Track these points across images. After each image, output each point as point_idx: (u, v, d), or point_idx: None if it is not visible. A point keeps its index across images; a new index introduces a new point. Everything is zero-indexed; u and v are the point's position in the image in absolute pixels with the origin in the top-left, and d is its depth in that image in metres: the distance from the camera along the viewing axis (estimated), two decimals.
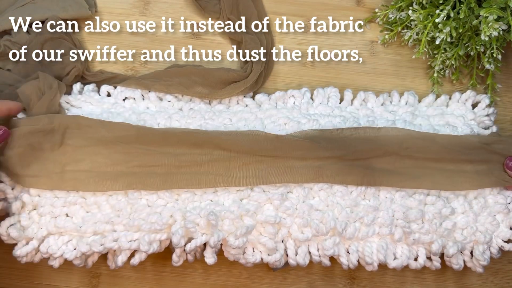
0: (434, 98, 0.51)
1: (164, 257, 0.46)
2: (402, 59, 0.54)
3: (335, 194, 0.45)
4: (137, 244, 0.42)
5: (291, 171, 0.44)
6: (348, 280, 0.48)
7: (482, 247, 0.45)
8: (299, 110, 0.48)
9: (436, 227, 0.44)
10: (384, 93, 0.50)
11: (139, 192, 0.43)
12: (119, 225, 0.42)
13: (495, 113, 0.50)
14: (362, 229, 0.44)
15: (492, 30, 0.45)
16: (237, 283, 0.47)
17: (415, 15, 0.49)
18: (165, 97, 0.49)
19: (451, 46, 0.50)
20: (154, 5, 0.54)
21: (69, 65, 0.49)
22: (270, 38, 0.53)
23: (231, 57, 0.53)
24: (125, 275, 0.47)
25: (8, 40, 0.49)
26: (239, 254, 0.43)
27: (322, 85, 0.51)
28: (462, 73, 0.53)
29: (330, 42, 0.54)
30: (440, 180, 0.45)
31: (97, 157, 0.43)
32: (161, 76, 0.49)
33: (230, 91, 0.48)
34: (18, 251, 0.42)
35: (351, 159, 0.45)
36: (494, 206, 0.46)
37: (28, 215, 0.42)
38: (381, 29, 0.54)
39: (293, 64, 0.53)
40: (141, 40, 0.53)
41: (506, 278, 0.49)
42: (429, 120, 0.49)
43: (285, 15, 0.54)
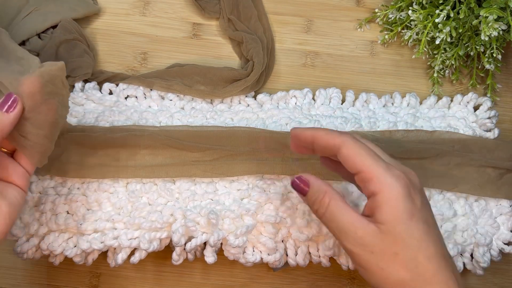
0: (436, 100, 0.51)
1: (164, 256, 0.46)
2: (402, 59, 0.54)
3: None
4: (137, 242, 0.42)
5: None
6: (348, 280, 0.48)
7: (483, 249, 0.45)
8: (301, 111, 0.48)
9: None
10: (386, 95, 0.50)
11: (140, 190, 0.43)
12: (119, 223, 0.42)
13: (497, 116, 0.49)
14: None
15: (492, 30, 0.45)
16: (237, 282, 0.47)
17: (415, 15, 0.49)
18: (167, 95, 0.49)
19: (451, 46, 0.50)
20: (154, 5, 0.54)
21: (82, 67, 0.49)
22: (271, 38, 0.53)
23: (231, 57, 0.53)
24: (125, 274, 0.46)
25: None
26: (239, 253, 0.43)
27: (322, 85, 0.51)
28: (462, 73, 0.53)
29: (330, 42, 0.54)
30: (485, 186, 0.45)
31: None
32: (162, 75, 0.50)
33: (232, 90, 0.48)
34: (19, 247, 0.41)
35: (403, 158, 0.44)
36: (495, 209, 0.46)
37: (28, 212, 0.42)
38: (381, 29, 0.54)
39: (293, 64, 0.53)
40: (141, 40, 0.53)
41: (506, 278, 0.49)
42: (431, 122, 0.49)
43: (285, 15, 0.55)
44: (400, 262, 0.31)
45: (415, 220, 0.32)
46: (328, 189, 0.34)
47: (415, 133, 0.46)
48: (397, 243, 0.31)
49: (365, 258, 0.32)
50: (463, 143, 0.46)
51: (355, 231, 0.32)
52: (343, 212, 0.33)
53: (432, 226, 0.33)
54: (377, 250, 0.31)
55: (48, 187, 0.44)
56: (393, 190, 0.32)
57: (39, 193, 0.43)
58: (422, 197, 0.33)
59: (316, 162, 0.45)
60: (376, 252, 0.31)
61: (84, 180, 0.44)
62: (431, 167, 0.45)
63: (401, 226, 0.31)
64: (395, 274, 0.31)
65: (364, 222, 0.32)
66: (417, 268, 0.31)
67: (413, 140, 0.46)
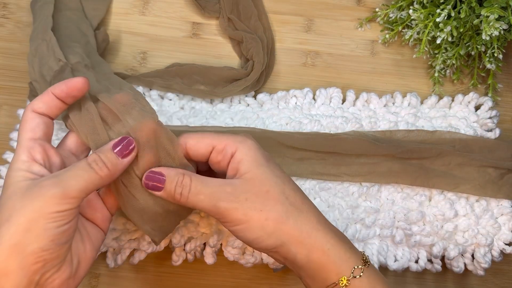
0: (437, 100, 0.50)
1: (164, 257, 0.46)
2: (403, 58, 0.54)
3: (336, 195, 0.44)
4: (136, 243, 0.42)
5: (346, 169, 0.45)
6: None
7: (484, 250, 0.44)
8: (301, 111, 0.48)
9: (437, 229, 0.44)
10: (387, 94, 0.50)
11: None
12: (119, 223, 0.42)
13: (498, 116, 0.49)
14: (362, 231, 0.44)
15: (493, 29, 0.44)
16: (237, 283, 0.47)
17: (415, 15, 0.48)
18: (166, 95, 0.49)
19: (452, 45, 0.50)
20: (154, 4, 0.54)
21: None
22: (271, 37, 0.53)
23: (231, 56, 0.53)
24: (125, 275, 0.46)
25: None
26: (239, 254, 0.43)
27: (322, 85, 0.51)
28: (463, 73, 0.53)
29: (331, 42, 0.54)
30: (486, 186, 0.45)
31: None
32: (162, 75, 0.49)
33: (231, 89, 0.48)
34: None
35: (405, 158, 0.45)
36: (496, 209, 0.46)
37: None
38: (382, 28, 0.54)
39: (293, 63, 0.53)
40: (140, 40, 0.53)
41: (507, 278, 0.49)
42: (431, 122, 0.48)
43: (285, 14, 0.54)
44: (272, 197, 0.33)
45: (271, 162, 0.35)
46: (183, 170, 0.34)
47: (416, 133, 0.46)
48: (264, 182, 0.33)
49: (242, 208, 0.33)
50: (464, 143, 0.46)
51: (224, 189, 0.33)
52: (207, 181, 0.34)
53: (281, 169, 0.36)
54: (250, 195, 0.33)
55: None
56: (247, 143, 0.34)
57: None
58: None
59: (316, 162, 0.45)
60: (249, 197, 0.33)
61: None
62: (432, 167, 0.45)
63: (263, 168, 0.34)
64: (273, 210, 0.33)
65: (230, 180, 0.34)
66: (288, 199, 0.34)
67: (414, 140, 0.46)
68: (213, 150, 0.35)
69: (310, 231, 0.33)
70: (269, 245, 0.33)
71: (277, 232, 0.33)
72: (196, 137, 0.35)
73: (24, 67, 0.51)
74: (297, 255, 0.33)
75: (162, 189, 0.33)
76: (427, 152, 0.45)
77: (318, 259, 0.33)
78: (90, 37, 0.47)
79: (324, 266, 0.33)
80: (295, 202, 0.34)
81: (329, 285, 0.33)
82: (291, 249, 0.33)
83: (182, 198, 0.33)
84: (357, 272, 0.33)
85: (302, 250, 0.33)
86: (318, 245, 0.33)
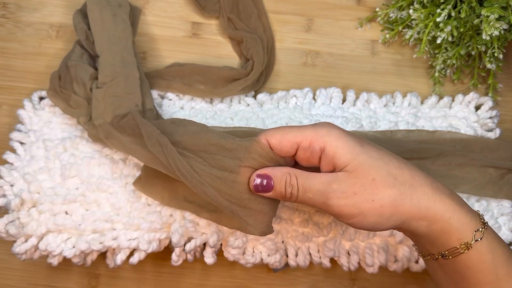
0: (437, 100, 0.50)
1: (163, 257, 0.46)
2: (403, 58, 0.54)
3: None
4: (136, 243, 0.42)
5: None
6: (349, 281, 0.47)
7: None
8: (301, 110, 0.48)
9: None
10: (387, 94, 0.50)
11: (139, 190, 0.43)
12: (118, 223, 0.42)
13: (498, 116, 0.49)
14: (362, 231, 0.44)
15: (493, 29, 0.44)
16: (237, 283, 0.47)
17: (416, 14, 0.48)
18: (166, 95, 0.49)
19: (452, 45, 0.50)
20: (154, 4, 0.54)
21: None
22: (271, 37, 0.52)
23: (231, 56, 0.53)
24: (124, 275, 0.46)
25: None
26: (239, 254, 0.43)
27: (322, 85, 0.51)
28: (463, 73, 0.53)
29: (331, 42, 0.54)
30: (487, 186, 0.45)
31: None
32: (162, 75, 0.49)
33: (231, 89, 0.48)
34: (17, 248, 0.41)
35: (404, 158, 0.44)
36: (496, 209, 0.46)
37: (27, 212, 0.42)
38: (382, 28, 0.54)
39: (293, 63, 0.53)
40: (140, 39, 0.53)
41: None
42: (432, 122, 0.48)
43: (286, 14, 0.54)
44: (381, 184, 0.32)
45: (365, 144, 0.33)
46: (287, 168, 0.34)
47: (416, 133, 0.46)
48: (368, 171, 0.32)
49: (353, 202, 0.32)
50: (465, 143, 0.46)
51: (330, 186, 0.32)
52: (311, 178, 0.33)
53: (377, 145, 0.35)
54: (358, 188, 0.32)
55: (47, 187, 0.43)
56: (333, 134, 0.33)
57: (38, 193, 0.43)
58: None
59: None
60: (357, 191, 0.32)
61: (82, 180, 0.44)
62: (432, 167, 0.45)
63: (360, 156, 0.32)
64: (385, 196, 0.32)
65: (332, 175, 0.33)
66: (397, 179, 0.32)
67: (414, 140, 0.46)
68: (298, 147, 0.34)
69: (428, 204, 0.32)
70: (389, 227, 0.33)
71: (395, 214, 0.32)
72: (277, 136, 0.34)
73: (24, 67, 0.51)
74: (418, 228, 0.33)
75: (272, 190, 0.34)
76: (427, 152, 0.45)
77: (440, 228, 0.33)
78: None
79: (446, 232, 0.33)
80: (405, 180, 0.33)
81: (449, 248, 0.33)
82: (412, 224, 0.33)
83: (292, 198, 0.34)
84: (477, 236, 0.32)
85: (423, 222, 0.33)
86: (439, 216, 0.32)
